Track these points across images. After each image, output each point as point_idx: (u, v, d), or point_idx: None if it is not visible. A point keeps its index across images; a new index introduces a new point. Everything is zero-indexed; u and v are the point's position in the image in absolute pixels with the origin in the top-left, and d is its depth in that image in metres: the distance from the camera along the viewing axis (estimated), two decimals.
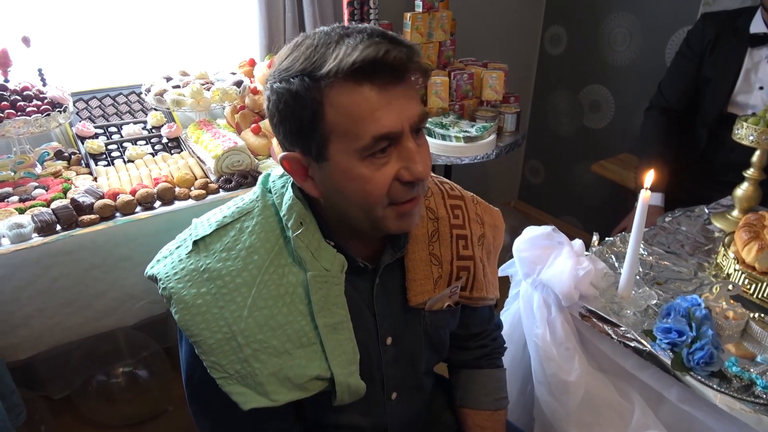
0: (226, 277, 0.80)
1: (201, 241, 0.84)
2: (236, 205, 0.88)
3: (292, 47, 0.76)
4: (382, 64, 0.70)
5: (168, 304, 0.81)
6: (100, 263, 1.41)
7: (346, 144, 0.73)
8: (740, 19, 1.85)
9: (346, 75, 0.70)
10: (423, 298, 0.94)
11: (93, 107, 1.88)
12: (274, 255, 0.82)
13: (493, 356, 1.15)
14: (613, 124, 2.89)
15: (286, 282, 0.82)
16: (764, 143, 1.38)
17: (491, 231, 1.06)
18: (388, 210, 0.79)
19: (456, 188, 1.04)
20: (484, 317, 1.12)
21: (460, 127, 2.04)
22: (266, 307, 0.80)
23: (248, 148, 1.68)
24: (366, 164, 0.74)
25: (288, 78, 0.73)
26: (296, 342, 0.81)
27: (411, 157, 0.76)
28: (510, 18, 2.91)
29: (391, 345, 0.95)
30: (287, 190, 0.85)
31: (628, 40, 2.69)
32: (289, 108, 0.74)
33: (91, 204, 1.41)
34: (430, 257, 0.94)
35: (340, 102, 0.71)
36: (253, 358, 0.79)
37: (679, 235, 1.46)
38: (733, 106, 1.87)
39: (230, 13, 2.12)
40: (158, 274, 0.83)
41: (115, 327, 1.49)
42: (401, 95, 0.73)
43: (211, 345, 0.78)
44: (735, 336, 1.07)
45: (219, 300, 0.79)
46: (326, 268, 0.83)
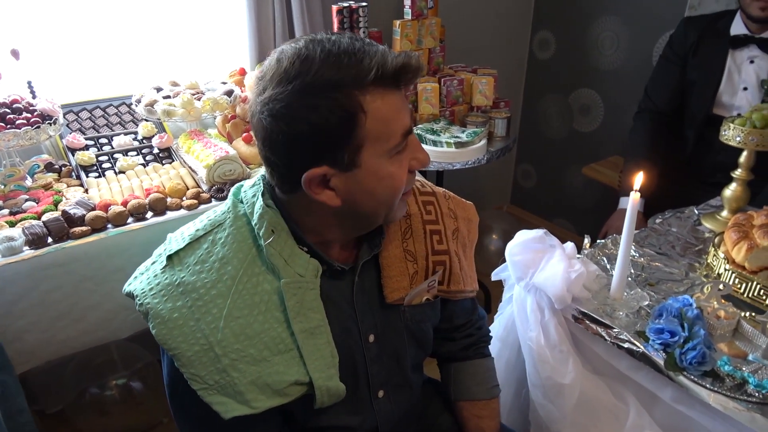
0: (201, 290, 0.82)
1: (175, 255, 0.85)
2: (208, 217, 0.89)
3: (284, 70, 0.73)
4: (409, 70, 0.76)
5: (145, 320, 0.83)
6: (92, 275, 1.40)
7: (379, 146, 0.77)
8: (721, 22, 1.88)
9: (380, 81, 0.74)
10: (399, 294, 0.96)
11: (83, 119, 1.88)
12: (247, 264, 0.84)
13: (479, 345, 1.16)
14: (602, 127, 2.92)
15: (261, 290, 0.83)
16: (751, 144, 1.40)
17: (465, 225, 1.08)
18: (400, 201, 0.85)
19: (427, 185, 1.06)
20: (467, 308, 1.14)
21: (451, 133, 2.05)
22: (242, 316, 0.81)
23: (240, 157, 1.68)
24: (393, 162, 0.80)
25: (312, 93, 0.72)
26: (273, 349, 0.83)
27: (417, 146, 0.84)
28: (499, 24, 2.93)
29: (374, 343, 0.96)
30: (258, 199, 0.86)
31: (615, 44, 2.72)
32: (314, 125, 0.73)
33: (83, 216, 1.41)
34: (404, 254, 0.96)
35: (374, 107, 0.75)
36: (231, 368, 0.80)
37: (669, 236, 1.47)
38: (718, 108, 1.90)
39: (220, 23, 2.12)
40: (134, 291, 0.85)
41: (109, 340, 1.48)
42: (405, 96, 0.81)
43: (189, 357, 0.79)
44: (727, 335, 1.08)
45: (195, 312, 0.81)
46: (300, 273, 0.84)
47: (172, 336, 0.80)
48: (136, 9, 1.94)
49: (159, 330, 0.80)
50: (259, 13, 2.06)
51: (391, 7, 2.42)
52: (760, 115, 1.39)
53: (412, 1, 2.11)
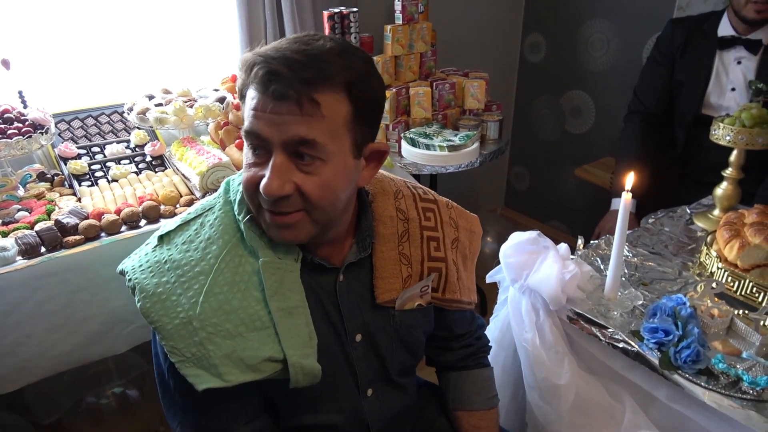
0: (185, 267, 0.85)
1: (165, 235, 0.90)
2: (201, 203, 0.94)
3: None
4: (267, 83, 0.76)
5: (133, 295, 0.86)
6: (87, 285, 1.39)
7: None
8: (708, 23, 1.90)
9: (254, 79, 0.78)
10: (390, 296, 0.96)
11: (75, 128, 1.87)
12: (231, 246, 0.87)
13: (478, 355, 1.17)
14: (594, 129, 2.93)
15: (242, 270, 0.86)
16: (741, 143, 1.41)
17: (466, 235, 1.08)
18: (263, 212, 0.83)
19: (430, 193, 1.07)
20: (466, 318, 1.14)
21: (444, 137, 2.06)
22: (221, 293, 0.84)
23: (233, 164, 1.68)
24: (248, 155, 0.82)
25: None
26: (250, 325, 0.85)
27: (270, 169, 0.78)
28: (489, 27, 2.95)
29: (361, 342, 0.97)
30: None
31: (605, 46, 2.74)
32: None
33: (76, 225, 1.40)
34: (399, 256, 0.97)
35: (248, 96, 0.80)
36: (207, 341, 0.82)
37: (662, 235, 1.48)
38: (707, 108, 1.91)
39: (211, 30, 2.12)
40: (126, 269, 0.89)
41: (105, 356, 1.46)
42: (284, 113, 0.76)
43: (169, 330, 0.83)
44: (720, 333, 1.09)
45: (178, 288, 0.84)
46: (279, 256, 0.87)
47: (155, 309, 0.83)
48: (127, 17, 1.94)
49: (143, 303, 0.84)
50: (251, 20, 2.07)
51: (382, 12, 2.43)
52: (748, 114, 1.41)
53: (403, 6, 2.12)
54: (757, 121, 1.40)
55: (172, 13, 2.02)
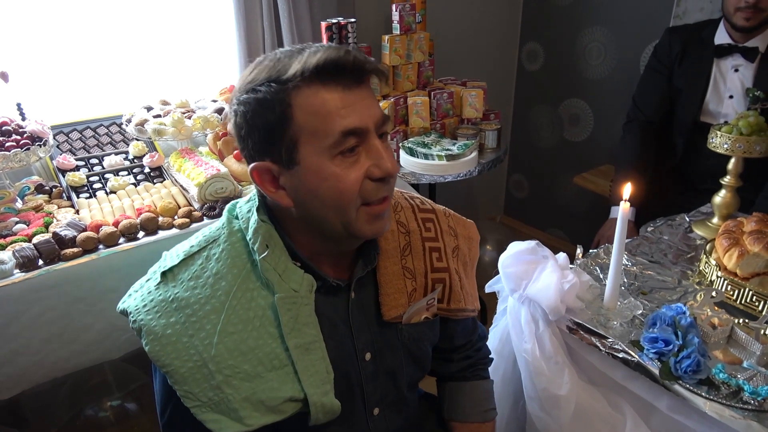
0: (195, 305, 0.81)
1: (169, 272, 0.85)
2: (203, 234, 0.90)
3: (254, 65, 0.80)
4: (343, 64, 0.74)
5: (139, 337, 0.82)
6: (84, 296, 1.39)
7: (316, 143, 0.76)
8: (705, 31, 1.91)
9: (312, 76, 0.74)
10: (397, 311, 0.95)
11: (74, 139, 1.87)
12: (241, 280, 0.83)
13: (478, 367, 1.15)
14: (592, 137, 2.94)
15: (255, 305, 0.83)
16: (738, 151, 1.41)
17: (465, 243, 1.07)
18: (361, 212, 0.80)
19: (427, 202, 1.06)
20: (467, 329, 1.13)
21: (442, 146, 2.06)
22: (236, 332, 0.81)
23: (231, 175, 1.67)
24: (336, 163, 0.77)
25: (254, 88, 0.76)
26: (268, 365, 0.82)
27: (379, 154, 0.79)
28: (487, 36, 2.96)
29: (370, 360, 0.95)
30: (252, 213, 0.86)
31: (602, 54, 2.75)
32: (257, 116, 0.76)
33: (74, 237, 1.40)
34: (402, 270, 0.95)
35: (307, 102, 0.74)
36: (225, 384, 0.80)
37: (661, 244, 1.48)
38: (705, 116, 1.92)
39: (209, 41, 2.13)
40: (128, 308, 0.85)
41: (101, 361, 1.46)
42: (363, 96, 0.77)
43: (183, 374, 0.79)
44: (721, 342, 1.09)
45: (188, 328, 0.80)
46: (294, 288, 0.84)
47: (165, 352, 0.80)
48: (125, 29, 1.95)
49: (152, 347, 0.80)
50: (249, 30, 2.07)
51: (379, 22, 2.44)
52: (746, 122, 1.41)
53: (400, 16, 2.13)
54: (755, 129, 1.40)
55: (170, 24, 2.03)
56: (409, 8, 2.14)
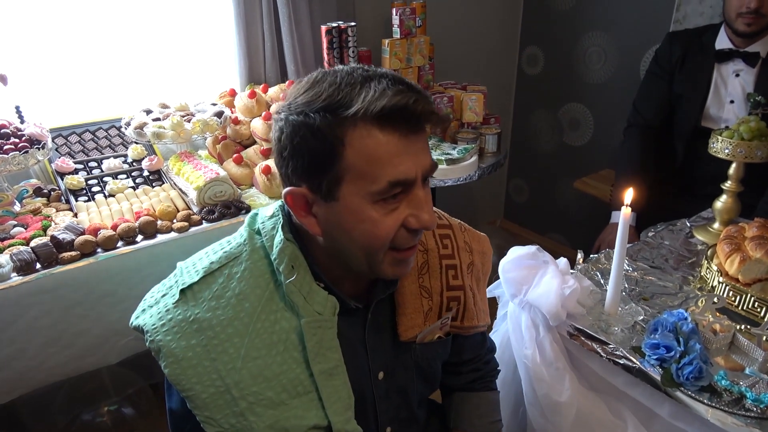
0: (217, 327, 0.79)
1: (188, 289, 0.82)
2: (223, 249, 0.86)
3: (310, 83, 0.75)
4: (409, 113, 0.71)
5: (156, 357, 0.79)
6: (82, 300, 1.39)
7: (361, 186, 0.73)
8: (705, 36, 1.91)
9: (373, 119, 0.70)
10: (414, 332, 0.93)
11: (72, 143, 1.87)
12: (265, 301, 0.81)
13: (486, 379, 1.14)
14: (592, 141, 2.93)
15: (279, 329, 0.81)
16: (739, 156, 1.41)
17: (479, 258, 1.06)
18: (388, 255, 0.79)
19: (443, 216, 1.03)
20: (476, 343, 1.12)
21: (442, 150, 2.05)
22: (260, 357, 0.79)
23: (231, 179, 1.67)
24: (377, 208, 0.74)
25: (308, 112, 0.72)
26: (292, 392, 0.80)
27: (420, 205, 0.76)
28: (487, 40, 2.96)
29: (383, 380, 0.94)
30: (278, 232, 0.83)
31: (603, 59, 2.75)
32: (305, 142, 0.72)
33: (72, 240, 1.39)
34: (420, 290, 0.94)
35: (361, 144, 0.71)
36: (249, 411, 0.77)
37: (662, 249, 1.47)
38: (706, 120, 1.91)
39: (209, 45, 2.13)
40: (145, 326, 0.81)
41: (99, 366, 1.46)
42: (418, 144, 0.74)
43: (204, 399, 0.77)
44: (723, 349, 1.08)
45: (210, 352, 0.78)
46: (318, 311, 0.81)
47: (186, 376, 0.77)
48: (125, 32, 1.94)
49: (172, 369, 0.77)
50: (249, 34, 2.07)
51: (379, 26, 2.44)
52: (747, 127, 1.40)
53: (400, 20, 2.12)
54: (756, 134, 1.40)
55: (170, 27, 2.02)
56: (409, 12, 2.14)
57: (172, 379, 0.77)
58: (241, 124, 1.92)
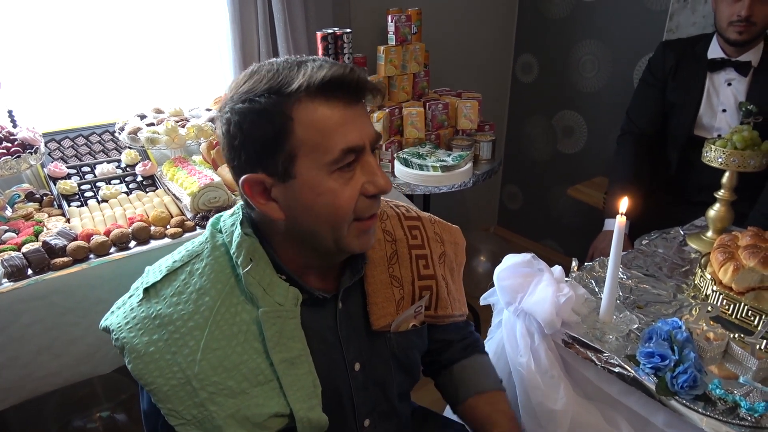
0: (178, 322, 0.81)
1: (151, 287, 0.85)
2: (186, 249, 0.89)
3: (249, 74, 0.79)
4: (348, 82, 0.75)
5: (122, 354, 0.81)
6: (74, 307, 1.37)
7: (315, 158, 0.76)
8: (698, 46, 1.92)
9: (316, 91, 0.74)
10: (386, 321, 0.94)
11: (66, 147, 1.86)
12: (225, 295, 0.83)
13: (477, 344, 1.17)
14: (586, 149, 2.95)
15: (239, 320, 0.82)
16: (733, 165, 1.42)
17: (452, 248, 1.08)
18: (352, 227, 0.81)
19: (412, 209, 1.06)
20: (460, 327, 1.14)
21: (437, 157, 2.05)
22: (220, 348, 0.80)
23: (225, 184, 1.66)
24: (334, 178, 0.77)
25: (252, 98, 0.75)
26: (253, 380, 0.81)
27: (373, 171, 0.80)
28: (482, 48, 2.97)
29: (359, 371, 0.95)
30: (236, 227, 0.85)
31: (596, 67, 2.77)
32: (254, 126, 0.75)
33: (64, 246, 1.38)
34: (390, 279, 0.96)
35: (309, 117, 0.75)
36: (209, 401, 0.79)
37: (656, 257, 1.48)
38: (699, 129, 1.93)
39: (203, 50, 2.12)
40: (110, 326, 0.84)
41: (92, 375, 1.44)
42: (361, 114, 0.79)
43: (166, 392, 0.79)
44: (717, 357, 1.08)
45: (171, 345, 0.80)
46: (279, 302, 0.83)
47: (148, 370, 0.79)
48: (119, 36, 1.94)
49: (135, 365, 0.80)
50: (243, 39, 2.07)
51: (375, 32, 2.44)
52: (740, 136, 1.41)
53: (396, 27, 2.13)
54: (749, 144, 1.41)
55: (165, 32, 2.02)
56: (404, 19, 2.15)
57: (136, 373, 0.80)
58: None
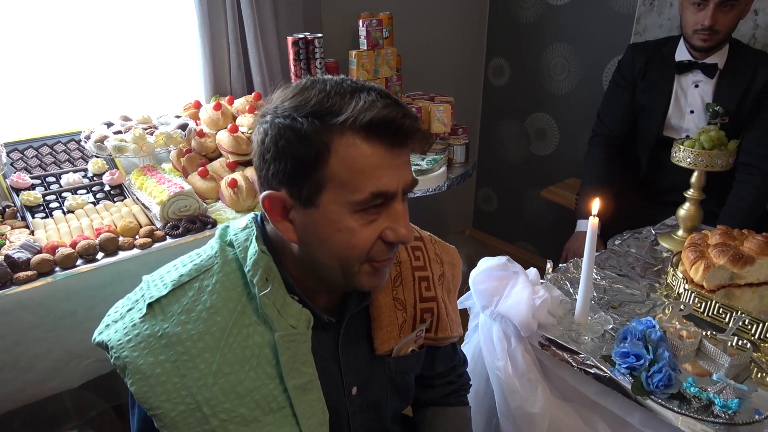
0: (187, 342, 0.76)
1: (156, 303, 0.79)
2: (193, 262, 0.83)
3: (299, 89, 0.75)
4: (396, 127, 0.72)
5: (122, 375, 0.76)
6: (40, 322, 1.33)
7: (343, 194, 0.73)
8: (666, 48, 1.96)
9: (360, 129, 0.71)
10: (389, 345, 0.92)
11: (29, 157, 1.80)
12: (237, 315, 0.79)
13: (460, 393, 1.14)
14: (558, 151, 2.98)
15: (252, 343, 0.78)
16: (701, 164, 1.44)
17: (450, 269, 1.06)
18: (364, 266, 0.78)
19: (415, 229, 1.03)
20: (448, 353, 1.11)
21: (411, 161, 2.05)
22: (232, 372, 0.76)
23: (196, 192, 1.63)
24: (356, 218, 0.74)
25: (296, 116, 0.72)
26: (265, 408, 0.78)
27: (398, 219, 0.77)
28: (453, 52, 2.99)
29: (356, 395, 0.93)
30: (251, 243, 0.81)
31: (567, 70, 2.80)
32: (290, 146, 0.72)
33: (28, 259, 1.34)
34: (394, 302, 0.93)
35: (347, 152, 0.71)
36: (221, 429, 0.75)
37: (629, 257, 1.50)
38: (668, 130, 1.96)
39: (173, 55, 2.08)
40: (109, 342, 0.77)
41: (59, 390, 1.39)
42: (402, 159, 0.76)
43: (173, 417, 0.74)
44: (690, 355, 1.09)
45: (180, 368, 0.75)
46: (292, 325, 0.80)
47: (154, 393, 0.74)
48: (85, 41, 1.89)
49: (139, 387, 0.74)
50: (213, 45, 2.04)
51: (347, 37, 2.43)
52: (707, 136, 1.44)
53: (367, 32, 2.12)
54: (716, 144, 1.43)
55: (132, 37, 1.98)
56: (375, 24, 2.14)
57: (139, 397, 0.74)
58: (206, 136, 1.88)
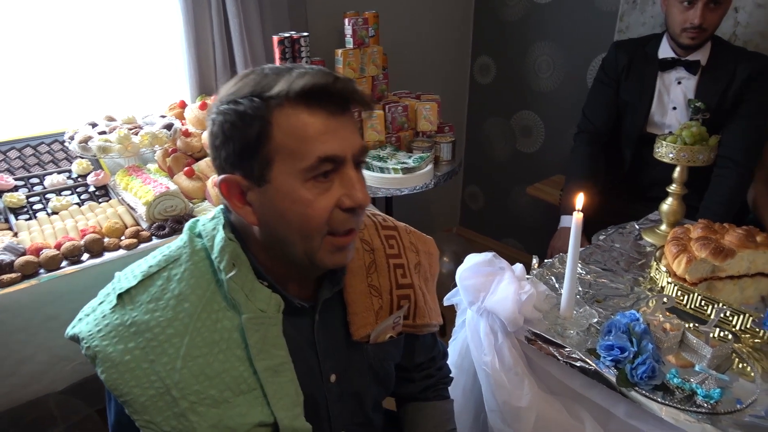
0: (156, 329, 0.77)
1: (126, 294, 0.80)
2: (162, 253, 0.85)
3: (240, 77, 0.78)
4: (329, 91, 0.74)
5: (93, 364, 0.77)
6: (24, 325, 1.31)
7: (291, 164, 0.74)
8: (649, 45, 1.98)
9: (296, 98, 0.73)
10: (366, 330, 0.93)
11: (12, 158, 1.79)
12: (206, 301, 0.80)
13: (438, 387, 1.15)
14: (544, 148, 3.00)
15: (221, 327, 0.79)
16: (683, 160, 1.46)
17: (426, 258, 1.07)
18: (326, 241, 0.79)
19: (388, 219, 1.05)
20: (427, 344, 1.12)
21: (398, 159, 2.06)
22: (201, 355, 0.77)
23: (182, 192, 1.63)
24: (309, 187, 0.75)
25: (236, 99, 0.75)
26: (235, 389, 0.79)
27: (352, 184, 0.78)
28: (440, 50, 3.00)
29: (335, 383, 0.93)
30: (219, 231, 0.83)
31: (551, 68, 2.82)
32: (234, 128, 0.74)
33: (11, 262, 1.32)
34: (369, 289, 0.94)
35: (288, 123, 0.73)
36: (190, 412, 0.75)
37: (613, 252, 1.51)
38: (651, 127, 1.98)
39: (158, 55, 2.07)
40: (80, 333, 0.79)
41: (43, 394, 1.38)
42: (345, 125, 0.77)
43: (143, 402, 0.75)
44: (673, 347, 1.11)
45: (149, 353, 0.76)
46: (262, 309, 0.81)
47: (123, 380, 0.75)
48: (68, 41, 1.87)
49: (109, 374, 0.75)
50: (198, 44, 2.03)
51: (332, 36, 2.43)
52: (689, 132, 1.46)
53: (353, 30, 2.12)
54: (697, 139, 1.45)
55: (117, 37, 1.96)
56: (361, 22, 2.14)
57: (110, 384, 0.75)
58: (192, 136, 1.87)
